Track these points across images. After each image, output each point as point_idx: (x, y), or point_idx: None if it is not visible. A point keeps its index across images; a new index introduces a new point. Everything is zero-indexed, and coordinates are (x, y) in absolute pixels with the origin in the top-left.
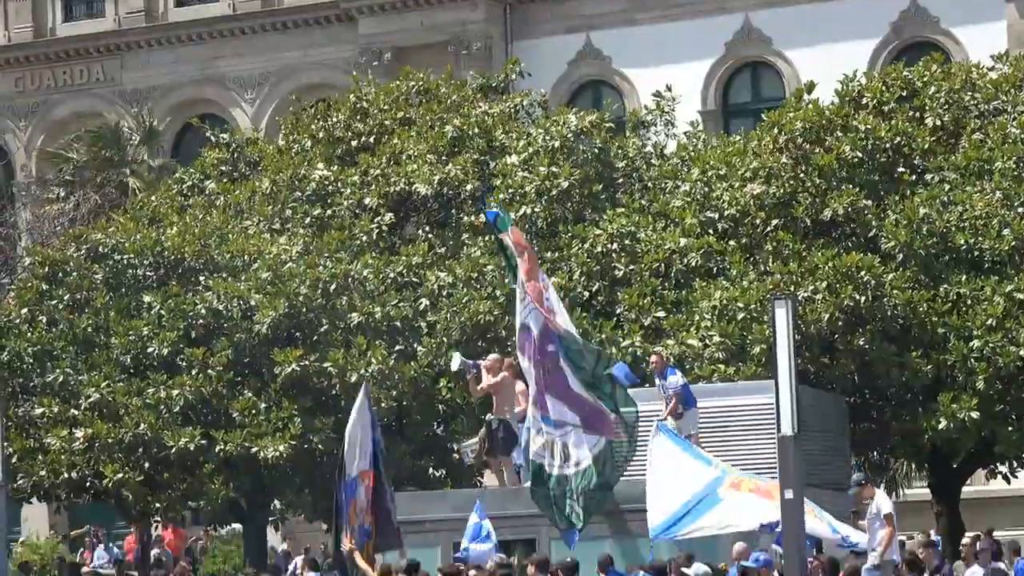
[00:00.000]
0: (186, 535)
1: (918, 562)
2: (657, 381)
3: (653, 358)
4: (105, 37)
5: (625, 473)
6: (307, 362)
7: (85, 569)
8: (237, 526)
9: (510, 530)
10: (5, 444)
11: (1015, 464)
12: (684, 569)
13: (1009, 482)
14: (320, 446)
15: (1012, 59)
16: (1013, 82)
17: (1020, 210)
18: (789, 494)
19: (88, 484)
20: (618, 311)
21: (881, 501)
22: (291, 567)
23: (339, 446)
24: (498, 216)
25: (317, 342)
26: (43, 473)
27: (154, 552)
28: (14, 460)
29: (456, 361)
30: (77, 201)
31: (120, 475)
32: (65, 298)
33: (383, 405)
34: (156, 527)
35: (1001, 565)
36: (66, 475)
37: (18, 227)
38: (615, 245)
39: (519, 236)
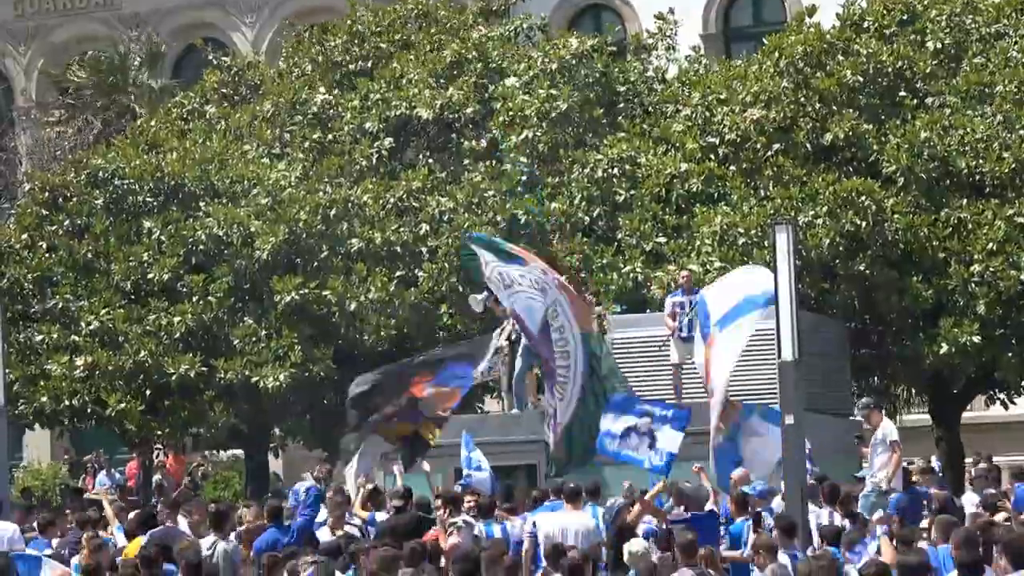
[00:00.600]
0: (187, 461)
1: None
2: (677, 298)
3: (684, 273)
4: None
5: None
6: (307, 290)
7: (88, 495)
8: (238, 452)
9: (512, 455)
10: (6, 371)
11: (1012, 391)
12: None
13: (1007, 408)
14: (321, 374)
15: None
16: (1015, 5)
17: (1021, 133)
18: (789, 419)
19: (90, 411)
20: (619, 236)
21: (888, 428)
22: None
23: (338, 374)
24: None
25: (317, 269)
26: (44, 399)
27: (156, 478)
28: (15, 386)
29: (477, 302)
30: (79, 126)
31: (122, 405)
32: (65, 224)
33: (382, 334)
34: (158, 453)
35: (993, 490)
36: (67, 402)
37: (18, 152)
38: (616, 170)
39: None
